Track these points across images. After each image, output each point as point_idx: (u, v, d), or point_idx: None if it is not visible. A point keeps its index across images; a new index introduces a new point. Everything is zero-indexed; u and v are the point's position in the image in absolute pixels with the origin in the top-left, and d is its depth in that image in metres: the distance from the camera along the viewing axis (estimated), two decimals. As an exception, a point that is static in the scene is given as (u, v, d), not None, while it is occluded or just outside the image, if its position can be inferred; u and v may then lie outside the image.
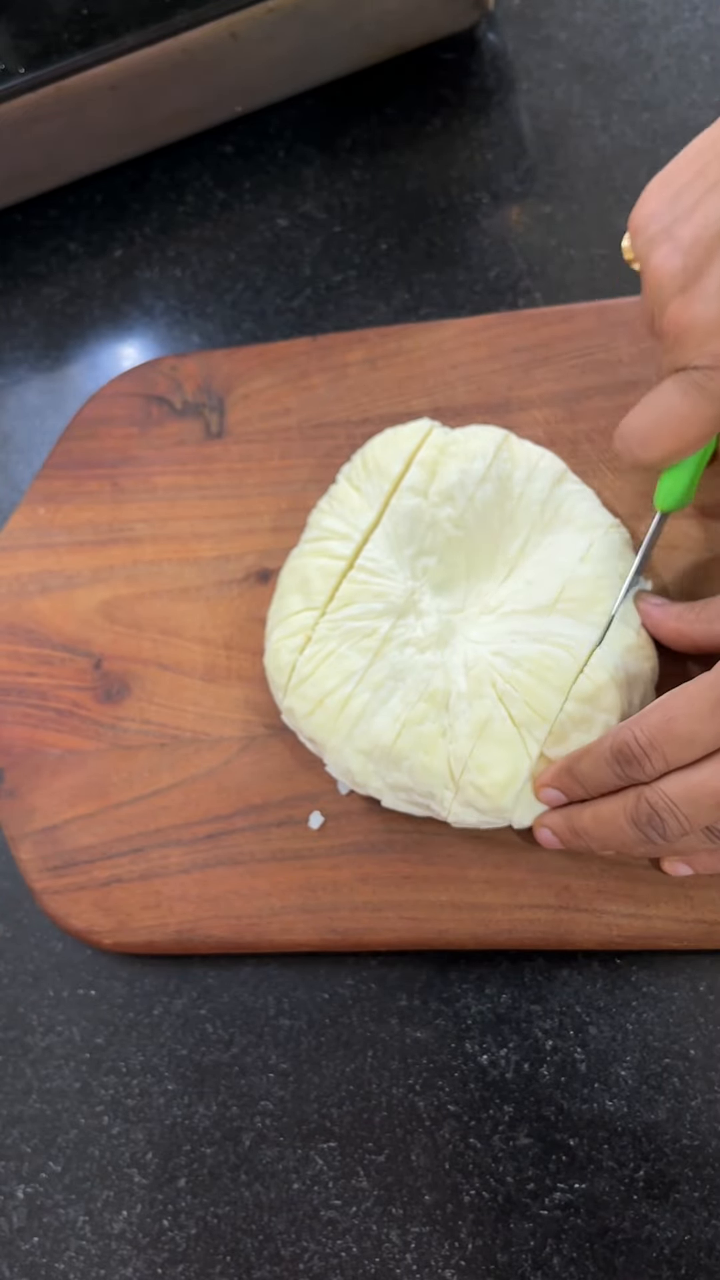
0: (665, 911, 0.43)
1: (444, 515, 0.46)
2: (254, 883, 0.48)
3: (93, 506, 0.55)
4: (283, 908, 0.47)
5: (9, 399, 0.63)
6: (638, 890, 0.44)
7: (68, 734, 0.52)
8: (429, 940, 0.45)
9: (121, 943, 0.48)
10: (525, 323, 0.52)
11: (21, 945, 0.52)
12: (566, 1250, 0.42)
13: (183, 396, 0.56)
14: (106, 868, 0.49)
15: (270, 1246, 0.45)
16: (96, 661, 0.53)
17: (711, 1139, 0.43)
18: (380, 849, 0.47)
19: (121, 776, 0.51)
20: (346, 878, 0.47)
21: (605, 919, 0.44)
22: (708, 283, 0.38)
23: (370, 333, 0.54)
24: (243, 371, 0.55)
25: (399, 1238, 0.44)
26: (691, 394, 0.40)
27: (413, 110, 0.61)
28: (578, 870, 0.44)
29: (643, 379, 0.50)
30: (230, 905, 0.48)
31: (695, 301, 0.38)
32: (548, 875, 0.45)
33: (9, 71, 0.55)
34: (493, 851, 0.45)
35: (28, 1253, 0.47)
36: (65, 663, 0.53)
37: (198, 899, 0.48)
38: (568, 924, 0.44)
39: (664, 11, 0.59)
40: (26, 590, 0.55)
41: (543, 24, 0.60)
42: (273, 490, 0.53)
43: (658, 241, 0.39)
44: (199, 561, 0.53)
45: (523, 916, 0.44)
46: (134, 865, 0.49)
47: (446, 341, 0.53)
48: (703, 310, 0.38)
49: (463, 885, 0.45)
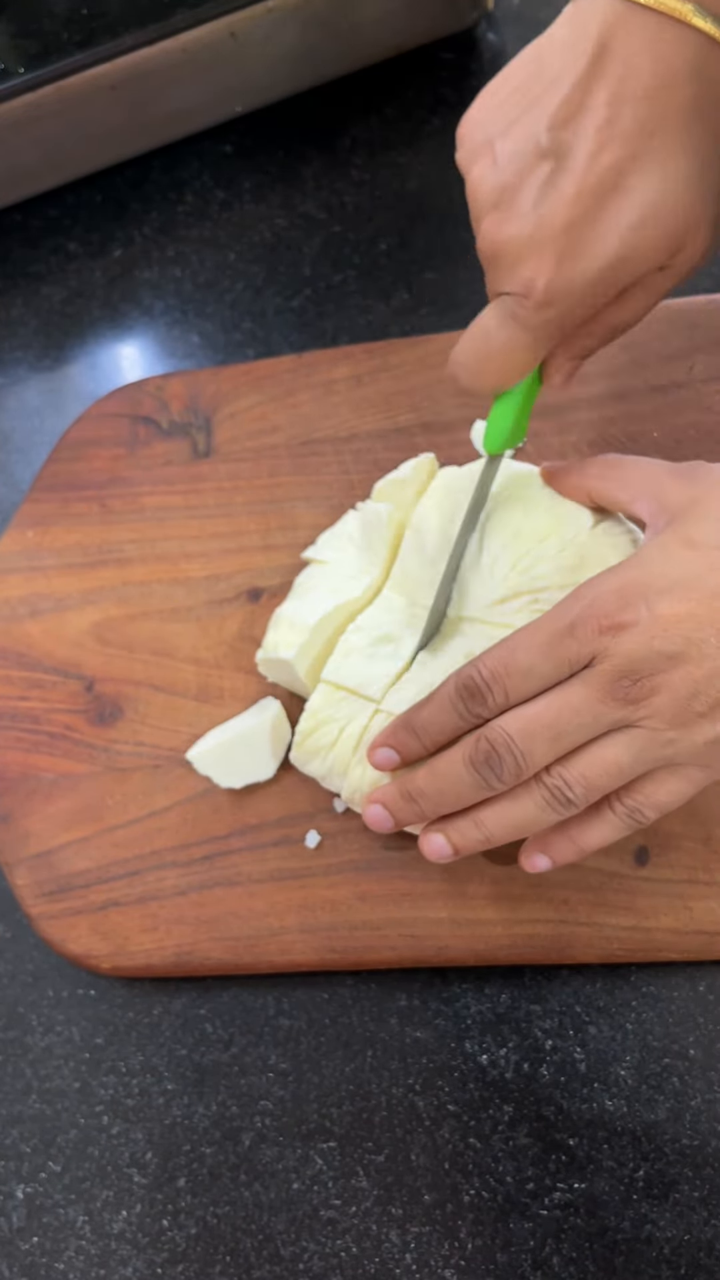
0: (665, 924, 0.43)
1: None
2: (251, 903, 0.47)
3: (81, 528, 0.55)
4: (281, 928, 0.47)
5: (9, 399, 0.63)
6: (637, 903, 0.44)
7: (61, 758, 0.52)
8: (429, 958, 0.45)
9: (120, 966, 0.48)
10: None
11: (21, 945, 0.52)
12: (566, 1250, 0.42)
13: (169, 416, 0.56)
14: (103, 891, 0.49)
15: (270, 1246, 0.45)
16: (88, 684, 0.53)
17: (711, 1139, 0.43)
18: (378, 866, 0.47)
19: (116, 799, 0.51)
20: (344, 896, 0.47)
21: (605, 932, 0.44)
22: (521, 201, 0.36)
23: (356, 349, 0.54)
24: (229, 390, 0.55)
25: (399, 1237, 0.44)
26: (508, 324, 0.38)
27: (413, 110, 0.61)
28: (577, 884, 0.44)
29: (631, 389, 0.50)
30: (228, 926, 0.47)
31: (508, 221, 0.36)
32: (547, 889, 0.45)
33: (9, 71, 0.55)
34: (491, 867, 0.45)
35: (27, 1253, 0.47)
36: (57, 686, 0.53)
37: (195, 921, 0.48)
38: (568, 938, 0.44)
39: (664, 11, 0.59)
40: (16, 614, 0.55)
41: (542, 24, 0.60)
42: (262, 509, 0.53)
43: (479, 154, 0.37)
44: (189, 581, 0.53)
45: (522, 931, 0.44)
46: (130, 888, 0.49)
47: (432, 356, 0.53)
48: (515, 230, 0.36)
49: (461, 901, 0.45)
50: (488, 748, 0.37)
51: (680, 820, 0.44)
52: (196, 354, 0.61)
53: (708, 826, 0.44)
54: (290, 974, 0.48)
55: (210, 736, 0.50)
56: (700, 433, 0.48)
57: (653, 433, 0.49)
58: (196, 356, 0.61)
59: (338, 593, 0.47)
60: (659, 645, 0.34)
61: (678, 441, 0.48)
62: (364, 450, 0.52)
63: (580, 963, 0.44)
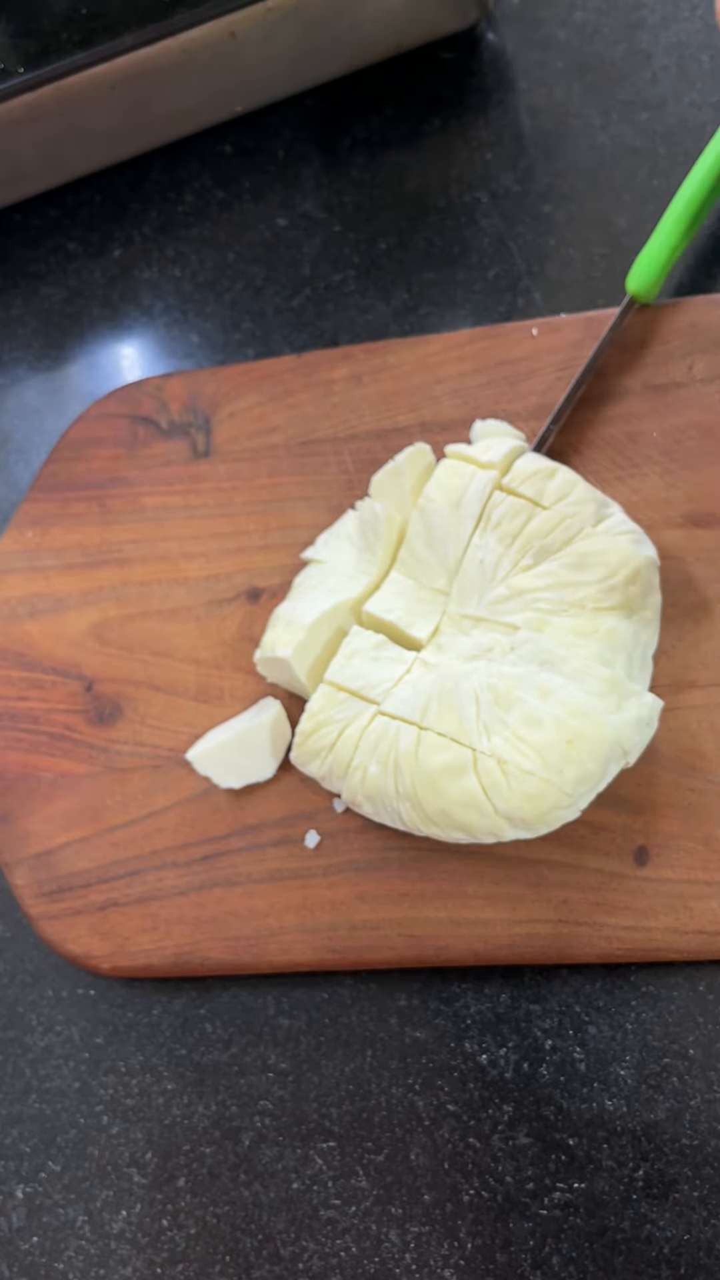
0: (664, 923, 0.43)
1: None
2: (251, 903, 0.47)
3: (81, 528, 0.55)
4: (280, 928, 0.47)
5: (8, 399, 0.63)
6: (636, 902, 0.44)
7: (60, 758, 0.52)
8: (428, 958, 0.45)
9: (119, 967, 0.48)
10: (511, 336, 0.52)
11: (21, 945, 0.52)
12: (566, 1250, 0.42)
13: (169, 417, 0.56)
14: (102, 891, 0.49)
15: (269, 1246, 0.45)
16: (88, 684, 0.53)
17: (711, 1138, 0.43)
18: (377, 866, 0.47)
19: (115, 799, 0.51)
20: (344, 896, 0.47)
21: (605, 932, 0.44)
22: None
23: (355, 349, 0.54)
24: (228, 390, 0.55)
25: (398, 1237, 0.44)
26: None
27: (412, 110, 0.61)
28: (576, 884, 0.44)
29: (632, 390, 0.50)
30: (228, 927, 0.47)
31: None
32: (546, 889, 0.44)
33: (8, 71, 0.55)
34: (491, 867, 0.45)
35: (27, 1252, 0.47)
36: (56, 686, 0.53)
37: (195, 921, 0.48)
38: (567, 938, 0.44)
39: (663, 11, 0.59)
40: (16, 614, 0.55)
41: (542, 23, 0.60)
42: (261, 509, 0.53)
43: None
44: (189, 581, 0.53)
45: (522, 931, 0.44)
46: (130, 888, 0.49)
47: (431, 356, 0.53)
48: None
49: (461, 901, 0.45)
50: None
51: (680, 820, 0.44)
52: (196, 354, 0.61)
53: (707, 826, 0.44)
54: (290, 974, 0.48)
55: (210, 737, 0.50)
56: (700, 432, 0.48)
57: (652, 432, 0.49)
58: (196, 356, 0.61)
59: (335, 592, 0.47)
60: None
61: (677, 441, 0.48)
62: (363, 450, 0.52)
63: (580, 962, 0.44)
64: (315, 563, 0.50)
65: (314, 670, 0.47)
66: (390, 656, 0.45)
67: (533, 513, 0.44)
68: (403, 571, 0.47)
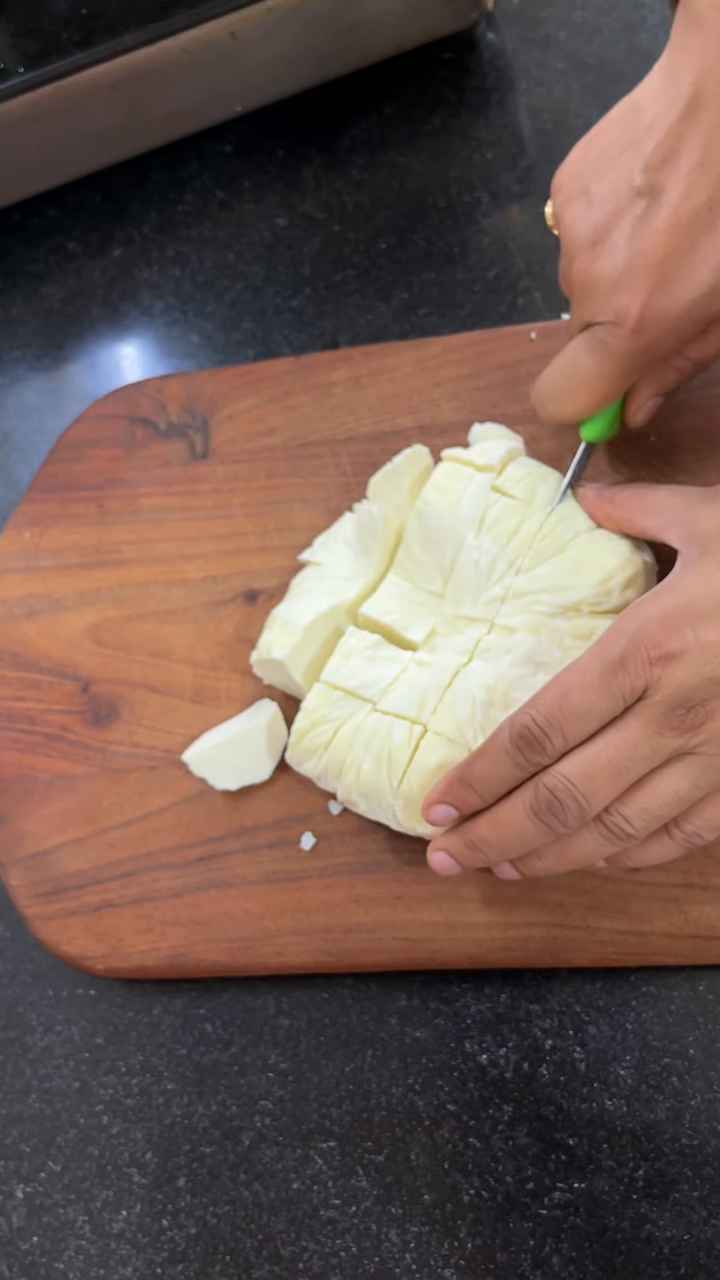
0: (659, 927, 0.43)
1: None
2: (246, 905, 0.47)
3: (79, 529, 0.55)
4: (275, 930, 0.47)
5: (8, 399, 0.63)
6: (631, 906, 0.44)
7: (56, 758, 0.52)
8: (423, 960, 0.45)
9: (114, 968, 0.48)
10: (508, 339, 0.52)
11: (21, 945, 0.52)
12: (566, 1250, 0.43)
13: (167, 418, 0.56)
14: (97, 892, 0.49)
15: (270, 1246, 0.45)
16: (85, 685, 0.53)
17: (711, 1138, 0.43)
18: (373, 869, 0.47)
19: (111, 800, 0.51)
20: (339, 899, 0.47)
21: (599, 935, 0.44)
22: (616, 238, 0.37)
23: (354, 351, 0.54)
24: (227, 392, 0.55)
25: (398, 1237, 0.44)
26: (597, 352, 0.40)
27: (412, 110, 0.61)
28: (571, 887, 0.44)
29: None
30: (222, 928, 0.47)
31: (602, 256, 0.38)
32: (541, 893, 0.44)
33: (8, 71, 0.55)
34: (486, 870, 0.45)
35: (27, 1252, 0.47)
36: (53, 687, 0.53)
37: (190, 922, 0.48)
38: (562, 941, 0.44)
39: (664, 11, 0.59)
40: (13, 614, 0.55)
41: (542, 23, 0.60)
42: (259, 510, 0.53)
43: (574, 198, 0.39)
44: (186, 583, 0.53)
45: (517, 935, 0.44)
46: (125, 890, 0.49)
47: (430, 359, 0.53)
48: (609, 264, 0.38)
49: (456, 904, 0.45)
50: (549, 796, 0.37)
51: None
52: (196, 354, 0.61)
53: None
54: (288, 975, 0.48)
55: (206, 738, 0.50)
56: (698, 437, 0.48)
57: (650, 437, 0.49)
58: (196, 356, 0.61)
59: (332, 594, 0.47)
60: (709, 671, 0.35)
61: (675, 445, 0.48)
62: (361, 453, 0.52)
63: (574, 966, 0.44)
64: (312, 565, 0.50)
65: (310, 672, 0.47)
66: (386, 656, 0.45)
67: (526, 514, 0.44)
68: (399, 574, 0.47)
